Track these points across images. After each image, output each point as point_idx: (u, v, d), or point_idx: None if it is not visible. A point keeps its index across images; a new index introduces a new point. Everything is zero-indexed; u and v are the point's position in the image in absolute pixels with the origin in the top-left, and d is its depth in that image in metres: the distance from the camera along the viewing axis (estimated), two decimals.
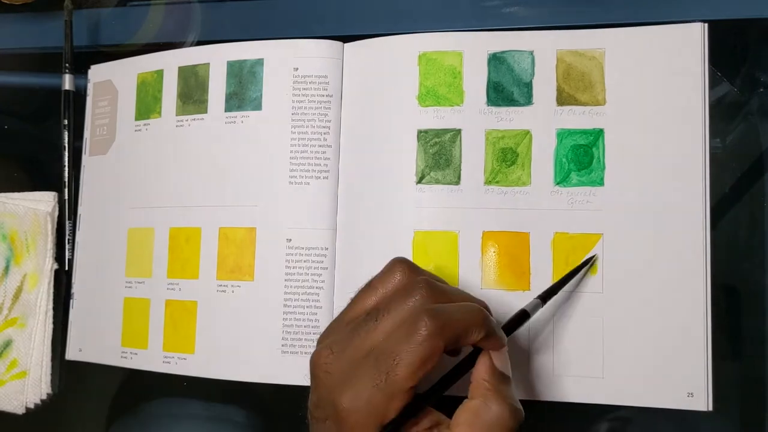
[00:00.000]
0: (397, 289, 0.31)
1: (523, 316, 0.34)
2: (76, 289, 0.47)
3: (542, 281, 0.38)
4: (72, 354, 0.47)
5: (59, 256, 0.47)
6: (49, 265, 0.47)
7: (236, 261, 0.43)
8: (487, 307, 0.32)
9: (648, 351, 0.37)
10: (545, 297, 0.36)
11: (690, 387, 0.36)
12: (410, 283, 0.31)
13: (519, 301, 0.38)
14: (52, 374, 0.46)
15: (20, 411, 0.46)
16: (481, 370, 0.31)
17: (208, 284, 0.43)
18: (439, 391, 0.30)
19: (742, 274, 0.38)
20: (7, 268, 0.47)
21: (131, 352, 0.44)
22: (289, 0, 0.46)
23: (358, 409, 0.28)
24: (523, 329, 0.38)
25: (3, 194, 0.49)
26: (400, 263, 0.32)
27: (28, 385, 0.46)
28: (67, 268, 0.47)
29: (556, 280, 0.37)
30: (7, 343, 0.47)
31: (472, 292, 0.38)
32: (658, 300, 0.37)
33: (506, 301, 0.38)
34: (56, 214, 0.48)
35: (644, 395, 0.36)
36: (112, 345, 0.45)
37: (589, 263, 0.37)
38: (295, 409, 0.42)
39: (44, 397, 0.46)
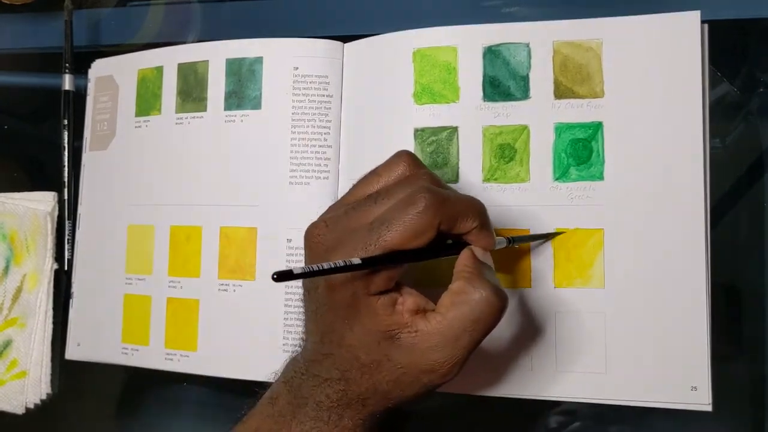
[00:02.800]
0: (400, 177, 0.31)
1: None
2: (75, 285, 0.47)
3: (544, 277, 0.38)
4: (70, 349, 0.46)
5: (59, 256, 0.47)
6: (49, 265, 0.47)
7: (237, 260, 0.43)
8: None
9: (650, 346, 0.36)
10: (512, 240, 0.35)
11: (693, 381, 0.35)
12: (413, 174, 0.31)
13: (521, 298, 0.38)
14: (52, 374, 0.46)
15: (20, 411, 0.46)
16: (462, 259, 0.30)
17: (210, 283, 0.43)
18: (418, 256, 0.29)
19: (742, 269, 0.38)
20: (7, 268, 0.47)
21: (132, 349, 0.44)
22: (290, 0, 0.47)
23: None
24: (525, 324, 0.38)
25: (3, 194, 0.49)
26: (405, 155, 0.32)
27: (28, 385, 0.46)
28: (66, 268, 0.47)
29: (558, 278, 0.38)
30: (7, 343, 0.47)
31: None
32: (660, 294, 0.36)
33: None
34: (56, 214, 0.48)
35: (647, 391, 0.36)
36: (112, 341, 0.45)
37: (553, 235, 0.38)
38: None
39: (44, 397, 0.46)
